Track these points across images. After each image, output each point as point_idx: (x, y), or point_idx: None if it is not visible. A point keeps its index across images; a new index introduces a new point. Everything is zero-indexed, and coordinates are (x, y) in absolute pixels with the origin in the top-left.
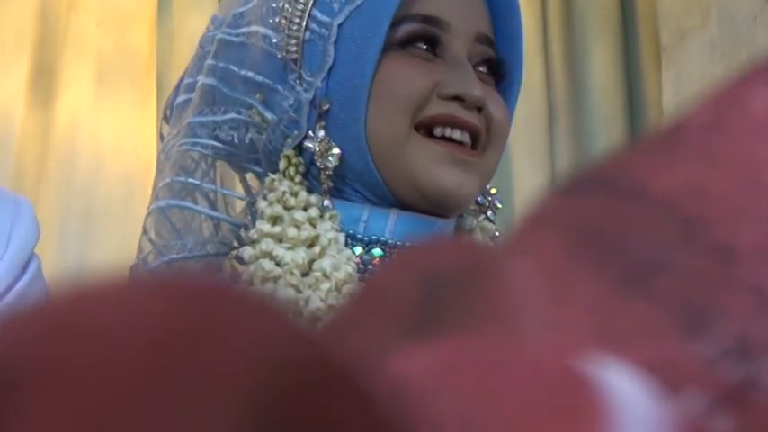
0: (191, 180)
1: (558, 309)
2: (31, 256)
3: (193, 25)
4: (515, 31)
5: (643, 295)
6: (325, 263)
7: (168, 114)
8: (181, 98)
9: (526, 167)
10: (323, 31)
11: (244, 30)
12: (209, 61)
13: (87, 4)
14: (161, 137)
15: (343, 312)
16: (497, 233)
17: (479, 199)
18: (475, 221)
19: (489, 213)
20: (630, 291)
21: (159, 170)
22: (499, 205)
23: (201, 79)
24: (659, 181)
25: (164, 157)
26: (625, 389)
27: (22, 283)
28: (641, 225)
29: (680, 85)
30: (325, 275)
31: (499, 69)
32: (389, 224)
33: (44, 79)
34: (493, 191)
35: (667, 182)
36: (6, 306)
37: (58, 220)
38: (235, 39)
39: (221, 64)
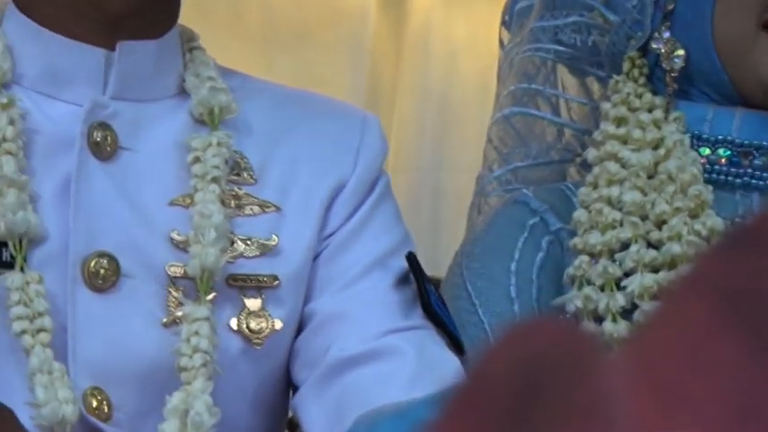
0: (533, 86)
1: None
2: (380, 174)
3: None
4: None
5: None
6: (671, 165)
7: (507, 20)
8: (521, 4)
9: None
10: None
11: None
12: None
13: None
14: (500, 43)
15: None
16: None
17: None
18: None
19: None
20: None
21: (501, 79)
22: None
23: None
24: None
25: (506, 66)
26: None
27: (370, 201)
28: None
29: None
30: (671, 177)
31: None
32: (735, 123)
33: None
34: None
35: None
36: (357, 222)
37: (415, 117)
38: None
39: None
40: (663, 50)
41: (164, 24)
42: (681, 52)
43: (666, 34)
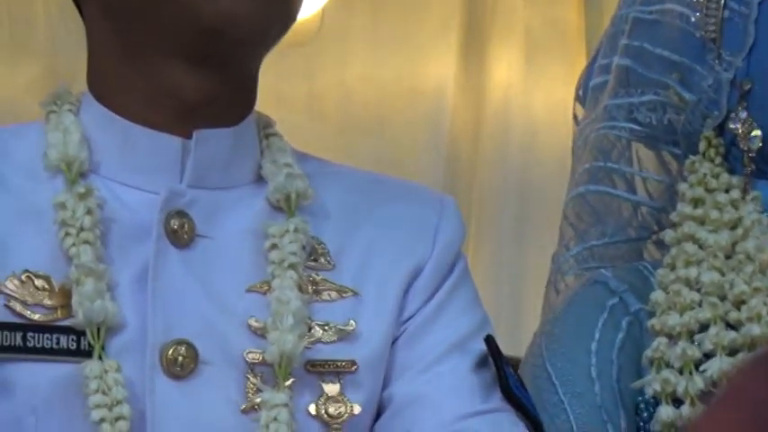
0: (609, 164)
1: None
2: (458, 256)
3: None
4: None
5: None
6: (749, 244)
7: (581, 96)
8: (596, 80)
9: None
10: (743, 9)
11: (657, 7)
12: (624, 41)
13: None
14: (575, 118)
15: None
16: None
17: None
18: None
19: None
20: None
21: (577, 155)
22: None
23: (616, 60)
24: None
25: (581, 142)
26: None
27: (448, 284)
28: None
29: None
30: (749, 257)
31: None
32: None
33: (474, 57)
34: None
35: None
36: (435, 305)
37: (494, 195)
38: (648, 16)
39: (636, 43)
40: (740, 130)
41: (240, 111)
42: (758, 132)
43: (743, 114)
